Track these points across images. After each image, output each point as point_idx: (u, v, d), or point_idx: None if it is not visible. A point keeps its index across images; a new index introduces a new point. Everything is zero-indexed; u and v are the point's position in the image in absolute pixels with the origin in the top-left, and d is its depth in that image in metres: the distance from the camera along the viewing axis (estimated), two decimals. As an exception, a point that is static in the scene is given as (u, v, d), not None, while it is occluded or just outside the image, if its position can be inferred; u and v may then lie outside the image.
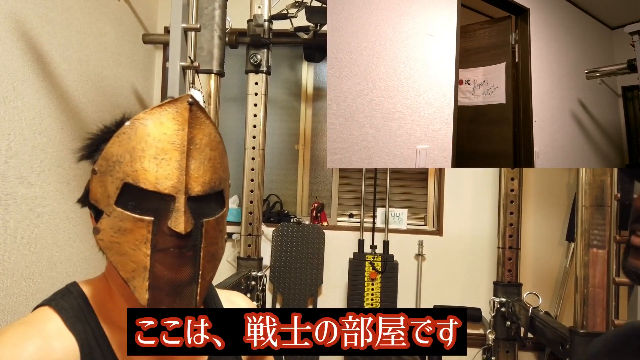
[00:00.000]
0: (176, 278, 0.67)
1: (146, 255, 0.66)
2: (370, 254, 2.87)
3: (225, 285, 2.05)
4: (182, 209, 0.66)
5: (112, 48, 2.45)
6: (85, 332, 0.69)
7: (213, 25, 1.80)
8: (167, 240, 0.67)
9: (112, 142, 0.69)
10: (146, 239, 0.66)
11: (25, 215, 1.80)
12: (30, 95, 1.81)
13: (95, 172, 0.70)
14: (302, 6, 2.47)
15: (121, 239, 0.66)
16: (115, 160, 0.68)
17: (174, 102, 0.70)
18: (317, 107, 3.21)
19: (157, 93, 3.03)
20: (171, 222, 0.66)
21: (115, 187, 0.67)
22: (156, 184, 0.66)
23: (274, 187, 3.18)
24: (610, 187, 1.61)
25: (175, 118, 0.69)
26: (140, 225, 0.66)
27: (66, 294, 0.73)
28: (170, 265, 0.67)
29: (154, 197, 0.67)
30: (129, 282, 0.66)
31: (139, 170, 0.66)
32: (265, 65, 2.45)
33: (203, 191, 0.70)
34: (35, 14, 1.84)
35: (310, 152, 3.19)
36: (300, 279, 2.88)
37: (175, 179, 0.67)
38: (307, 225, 2.95)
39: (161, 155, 0.67)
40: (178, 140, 0.68)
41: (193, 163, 0.69)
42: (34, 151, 1.83)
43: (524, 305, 2.09)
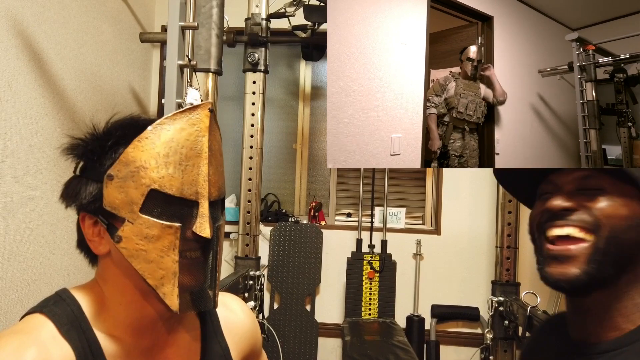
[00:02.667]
0: (200, 282, 0.70)
1: (175, 261, 0.66)
2: (368, 254, 2.86)
3: (222, 285, 2.05)
4: (207, 214, 0.68)
5: (109, 46, 2.44)
6: (80, 341, 0.67)
7: (211, 24, 1.79)
8: (192, 245, 0.68)
9: (134, 146, 0.67)
10: (174, 245, 0.66)
11: (22, 214, 1.79)
12: (27, 94, 1.80)
13: (111, 177, 0.67)
14: (300, 5, 2.46)
15: (148, 247, 0.66)
16: (139, 166, 0.66)
17: (196, 108, 0.70)
18: (315, 106, 3.20)
19: (154, 92, 3.02)
20: (197, 227, 0.67)
21: (141, 194, 0.66)
22: (182, 190, 0.67)
23: (272, 187, 3.18)
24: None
25: (196, 124, 0.69)
26: (169, 232, 0.66)
27: (58, 301, 0.71)
28: (195, 269, 0.69)
29: (179, 203, 0.67)
30: (158, 289, 0.66)
31: (166, 176, 0.66)
32: (263, 64, 2.44)
33: (219, 196, 0.72)
34: (32, 12, 1.82)
35: (308, 151, 3.19)
36: (298, 279, 2.88)
37: (199, 185, 0.68)
38: (305, 224, 2.94)
39: (185, 161, 0.68)
40: (199, 146, 0.69)
41: (211, 169, 0.70)
42: (31, 150, 1.83)
43: (522, 305, 2.09)
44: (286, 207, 3.16)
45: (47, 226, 1.92)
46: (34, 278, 1.85)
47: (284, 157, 3.20)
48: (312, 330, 2.84)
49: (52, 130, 1.95)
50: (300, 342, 2.82)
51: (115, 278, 0.71)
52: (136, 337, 0.72)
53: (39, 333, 0.66)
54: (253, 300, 2.35)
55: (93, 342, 0.68)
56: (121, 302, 0.71)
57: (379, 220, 2.96)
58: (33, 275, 1.85)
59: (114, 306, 0.71)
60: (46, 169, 1.90)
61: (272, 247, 2.90)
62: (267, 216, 3.03)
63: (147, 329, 0.72)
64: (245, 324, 0.89)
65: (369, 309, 2.80)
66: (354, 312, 2.79)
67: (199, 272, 0.69)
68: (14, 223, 1.75)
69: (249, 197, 2.46)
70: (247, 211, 2.47)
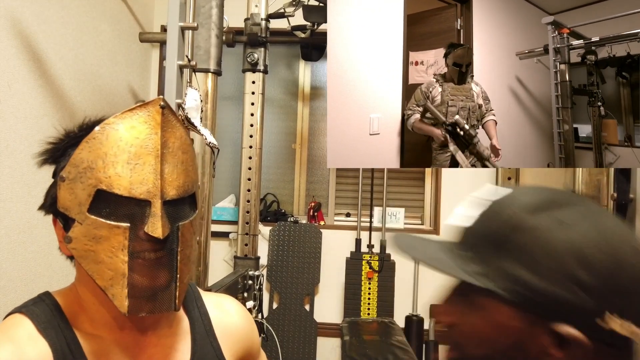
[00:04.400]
0: (155, 283, 0.67)
1: (124, 262, 0.65)
2: (367, 253, 2.87)
3: (222, 284, 2.05)
4: (159, 214, 0.66)
5: (108, 46, 2.44)
6: (58, 339, 0.67)
7: (210, 24, 1.79)
8: (144, 246, 0.66)
9: (82, 147, 0.67)
10: (123, 245, 0.65)
11: (21, 214, 1.79)
12: (26, 94, 1.80)
13: (63, 179, 0.68)
14: (299, 5, 2.46)
15: (97, 247, 0.65)
16: (86, 167, 0.66)
17: (146, 105, 0.69)
18: (314, 106, 3.21)
19: (153, 91, 3.02)
20: (148, 227, 0.65)
21: (88, 194, 0.65)
22: (131, 190, 0.65)
23: (271, 186, 3.18)
24: (607, 187, 1.61)
25: (147, 122, 0.68)
26: (117, 232, 0.65)
27: (37, 301, 0.72)
28: (148, 270, 0.66)
29: (128, 203, 0.66)
30: (107, 290, 0.65)
31: (113, 176, 0.65)
32: (263, 64, 2.44)
33: (178, 195, 0.69)
34: (31, 12, 1.82)
35: (307, 151, 3.19)
36: (297, 278, 2.88)
37: (150, 184, 0.66)
38: (304, 224, 2.95)
39: (134, 160, 0.66)
40: (151, 144, 0.67)
41: (167, 167, 0.68)
42: (30, 150, 1.83)
43: (521, 305, 2.09)
44: (285, 207, 3.16)
45: (47, 226, 1.92)
46: (33, 278, 1.85)
47: (283, 157, 3.20)
48: (311, 330, 2.84)
49: (52, 130, 1.94)
50: (300, 342, 2.83)
51: (86, 278, 0.70)
52: (115, 335, 0.72)
53: (15, 331, 0.66)
54: (252, 300, 2.35)
55: (72, 341, 0.69)
56: (94, 302, 0.71)
57: (378, 220, 2.96)
58: (32, 275, 1.85)
59: (89, 306, 0.72)
60: (45, 169, 1.90)
61: (271, 247, 2.90)
62: (267, 216, 3.03)
63: (125, 327, 0.72)
64: (239, 325, 0.88)
65: (367, 308, 2.80)
66: (353, 311, 2.80)
67: (154, 273, 0.66)
68: (13, 223, 1.75)
69: (248, 197, 2.47)
70: (246, 211, 2.47)
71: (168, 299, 0.68)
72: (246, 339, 0.89)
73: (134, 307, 0.65)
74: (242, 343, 0.88)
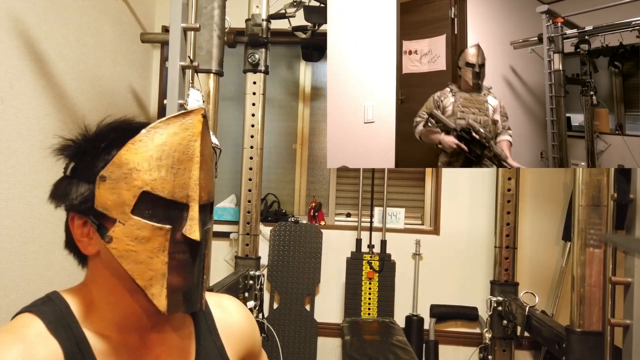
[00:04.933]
0: (188, 284, 0.70)
1: (164, 262, 0.68)
2: (367, 253, 2.87)
3: (223, 284, 2.06)
4: (197, 217, 0.69)
5: (110, 47, 2.45)
6: (68, 339, 0.68)
7: (212, 25, 1.80)
8: (181, 247, 0.69)
9: (127, 149, 0.68)
10: (164, 246, 0.68)
11: (23, 214, 1.79)
12: (28, 94, 1.80)
13: (104, 179, 0.68)
14: (300, 6, 2.47)
15: (138, 247, 0.67)
16: (132, 168, 0.68)
17: (189, 113, 0.72)
18: (314, 106, 3.21)
19: (154, 92, 3.02)
20: (186, 230, 0.69)
21: (133, 195, 0.67)
22: (173, 193, 0.68)
23: (272, 187, 3.18)
24: (607, 187, 1.62)
25: (189, 129, 0.71)
26: (159, 234, 0.68)
27: (47, 301, 0.72)
28: (184, 271, 0.70)
29: (170, 206, 0.69)
30: (147, 289, 0.67)
31: (158, 179, 0.68)
32: (264, 65, 2.45)
33: (208, 200, 0.74)
34: (33, 12, 1.83)
35: (307, 152, 3.19)
36: (297, 278, 2.89)
37: (190, 189, 0.70)
38: (305, 224, 2.95)
39: (177, 165, 0.69)
40: (191, 151, 0.71)
41: (202, 173, 0.72)
42: (32, 150, 1.83)
43: (521, 304, 2.10)
44: (286, 207, 3.17)
45: (48, 226, 1.93)
46: (34, 278, 1.86)
47: (284, 157, 3.21)
48: (312, 329, 2.85)
49: (54, 130, 1.95)
50: (300, 342, 2.83)
51: (104, 278, 0.72)
52: (123, 335, 0.72)
53: (26, 331, 0.67)
54: (253, 299, 2.36)
55: (81, 340, 0.69)
56: (109, 302, 0.72)
57: (379, 220, 2.97)
58: (34, 275, 1.86)
59: (102, 305, 0.72)
60: (47, 169, 1.91)
61: (272, 247, 2.91)
62: (267, 216, 3.03)
63: (134, 327, 0.73)
64: (241, 325, 0.89)
65: (368, 308, 2.81)
66: (354, 311, 2.80)
67: (187, 274, 0.70)
68: (14, 223, 1.75)
69: (249, 197, 2.47)
70: (247, 211, 2.48)
71: (197, 299, 0.72)
72: (248, 338, 0.90)
73: (172, 306, 0.68)
74: (245, 342, 0.89)
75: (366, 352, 2.22)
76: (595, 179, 1.62)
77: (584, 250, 1.62)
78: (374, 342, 2.35)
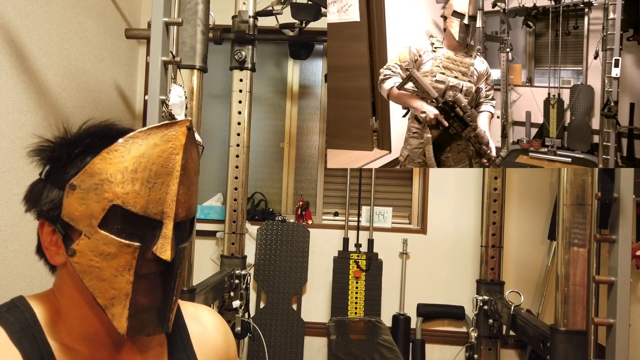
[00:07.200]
0: (154, 305, 0.66)
1: (129, 282, 0.63)
2: (354, 253, 2.87)
3: (208, 283, 2.03)
4: (170, 236, 0.65)
5: (94, 42, 2.41)
6: (32, 350, 0.64)
7: (196, 20, 1.78)
8: (151, 267, 0.65)
9: (101, 157, 0.64)
10: (130, 265, 0.63)
11: (3, 212, 1.76)
12: (9, 90, 1.77)
13: (73, 187, 0.64)
14: (287, 3, 2.45)
15: (103, 264, 0.63)
16: (103, 179, 0.63)
17: (173, 125, 0.67)
18: (302, 105, 3.20)
19: (140, 89, 2.99)
20: (157, 248, 0.64)
21: (102, 208, 0.63)
22: (146, 209, 0.64)
23: (259, 185, 3.16)
24: (591, 186, 1.62)
25: (171, 141, 0.66)
26: (126, 251, 0.63)
27: (12, 307, 0.68)
28: (151, 292, 0.65)
29: (141, 222, 0.64)
30: (107, 309, 0.63)
31: (131, 192, 0.63)
32: (250, 62, 2.43)
33: (186, 216, 0.69)
34: (14, 6, 1.79)
35: (295, 150, 3.18)
36: (284, 278, 2.87)
37: (165, 205, 0.65)
38: (292, 223, 2.94)
39: (154, 179, 0.65)
40: (171, 164, 0.66)
41: (181, 188, 0.67)
42: (12, 147, 1.79)
43: (506, 304, 2.10)
44: (273, 206, 3.15)
45: (29, 224, 1.89)
46: (14, 277, 1.82)
47: (271, 156, 3.19)
48: (298, 329, 2.84)
49: (35, 127, 1.92)
50: (287, 341, 2.82)
51: (70, 290, 0.69)
52: (92, 350, 0.69)
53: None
54: (239, 299, 2.34)
55: (46, 351, 0.66)
56: (76, 316, 0.69)
57: (366, 220, 2.96)
58: (14, 275, 1.82)
59: (69, 318, 0.69)
60: (28, 167, 1.87)
61: (259, 246, 2.89)
62: (254, 215, 3.01)
63: (103, 343, 0.70)
64: (216, 338, 0.87)
65: (355, 307, 2.80)
66: (340, 311, 2.79)
67: (154, 296, 0.66)
68: (-6, 221, 1.72)
69: (235, 196, 2.45)
70: (233, 210, 2.46)
71: (162, 320, 0.67)
72: (223, 352, 0.88)
73: (133, 329, 0.64)
74: (219, 357, 0.87)
75: (352, 352, 2.21)
76: (580, 179, 1.63)
77: (568, 249, 1.62)
78: (360, 342, 2.34)
